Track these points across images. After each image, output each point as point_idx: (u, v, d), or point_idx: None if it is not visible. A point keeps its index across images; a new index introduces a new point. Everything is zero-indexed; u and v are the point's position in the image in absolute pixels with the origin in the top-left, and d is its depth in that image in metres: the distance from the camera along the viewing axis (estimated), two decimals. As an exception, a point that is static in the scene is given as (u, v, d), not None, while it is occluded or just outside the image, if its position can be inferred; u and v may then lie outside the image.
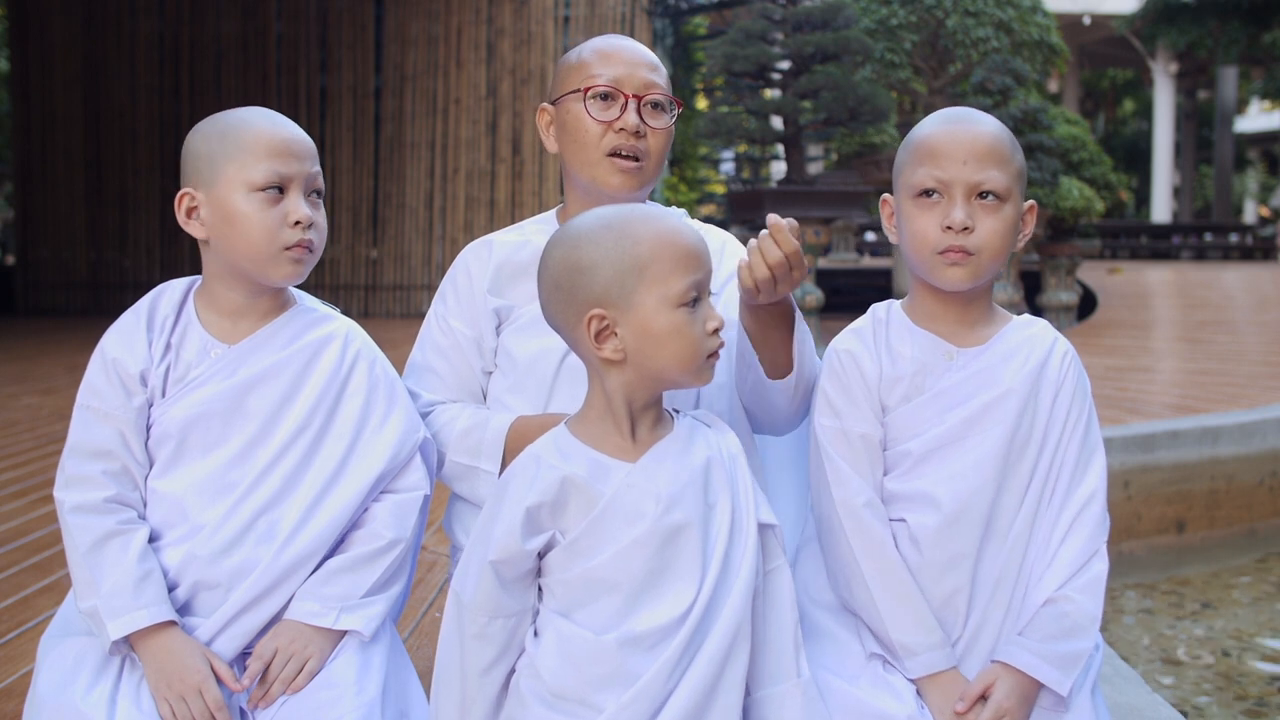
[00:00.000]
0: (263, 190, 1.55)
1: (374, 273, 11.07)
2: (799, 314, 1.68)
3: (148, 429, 1.59)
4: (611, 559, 1.35)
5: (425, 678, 1.97)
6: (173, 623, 1.49)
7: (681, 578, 1.37)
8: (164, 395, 1.59)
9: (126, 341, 1.60)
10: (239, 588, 1.53)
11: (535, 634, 1.40)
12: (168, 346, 1.61)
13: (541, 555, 1.39)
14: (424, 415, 1.78)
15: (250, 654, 1.53)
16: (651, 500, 1.36)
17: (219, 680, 1.47)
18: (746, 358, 1.67)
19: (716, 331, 1.39)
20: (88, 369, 1.60)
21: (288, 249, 1.57)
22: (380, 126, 10.99)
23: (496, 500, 1.40)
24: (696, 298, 1.38)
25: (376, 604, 1.57)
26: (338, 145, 11.00)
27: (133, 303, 1.63)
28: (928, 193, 1.54)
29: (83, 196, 11.42)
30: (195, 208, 1.59)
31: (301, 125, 1.64)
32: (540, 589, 1.41)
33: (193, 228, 1.59)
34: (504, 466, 1.67)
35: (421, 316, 1.98)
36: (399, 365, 1.75)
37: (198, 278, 1.68)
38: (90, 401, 1.58)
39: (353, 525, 1.61)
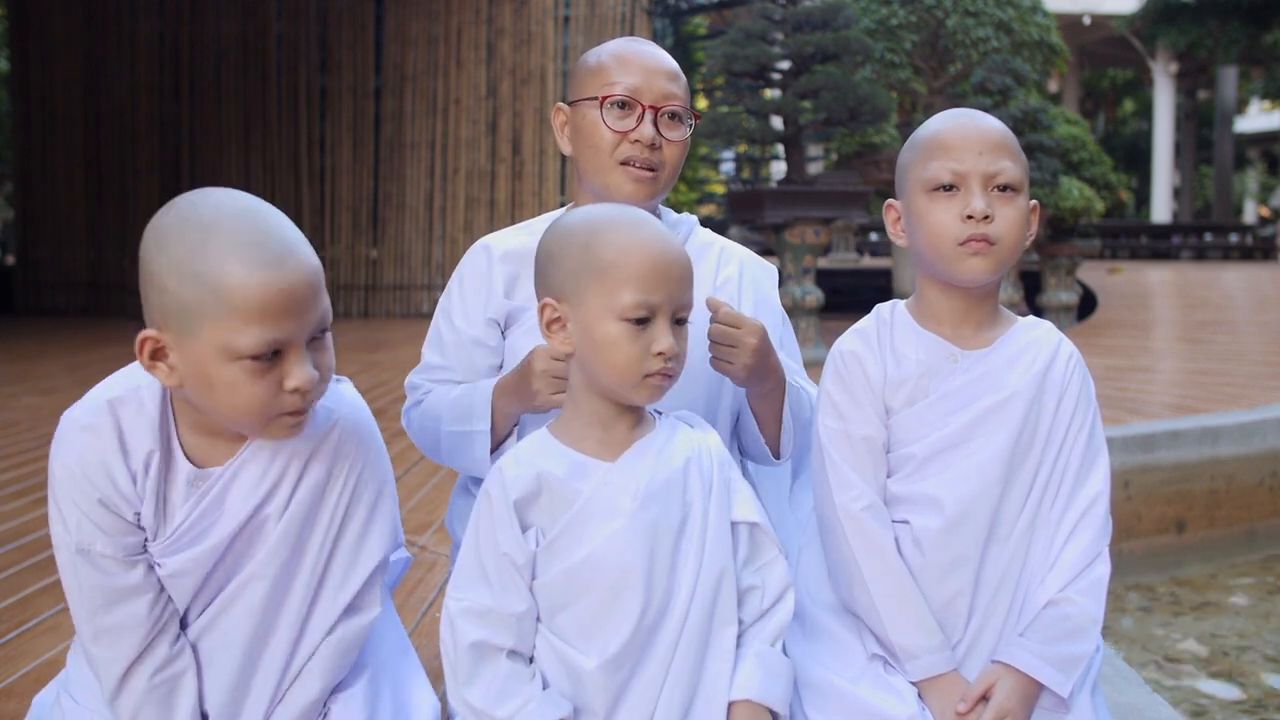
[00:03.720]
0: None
1: (374, 273, 11.06)
2: (800, 390, 1.78)
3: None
4: (589, 556, 1.36)
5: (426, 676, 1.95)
6: None
7: (658, 576, 1.38)
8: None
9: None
10: None
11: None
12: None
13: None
14: (419, 403, 1.82)
15: None
16: (628, 496, 1.37)
17: None
18: (751, 433, 1.78)
19: (661, 355, 1.35)
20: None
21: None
22: (380, 126, 10.98)
23: (483, 503, 1.40)
24: (646, 318, 1.35)
25: None
26: (338, 145, 10.97)
27: (133, 302, 1.60)
28: (944, 186, 1.53)
29: (83, 196, 11.42)
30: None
31: (301, 125, 1.61)
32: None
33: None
34: (493, 428, 1.69)
35: (421, 317, 1.99)
36: (402, 367, 1.75)
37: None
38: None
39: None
